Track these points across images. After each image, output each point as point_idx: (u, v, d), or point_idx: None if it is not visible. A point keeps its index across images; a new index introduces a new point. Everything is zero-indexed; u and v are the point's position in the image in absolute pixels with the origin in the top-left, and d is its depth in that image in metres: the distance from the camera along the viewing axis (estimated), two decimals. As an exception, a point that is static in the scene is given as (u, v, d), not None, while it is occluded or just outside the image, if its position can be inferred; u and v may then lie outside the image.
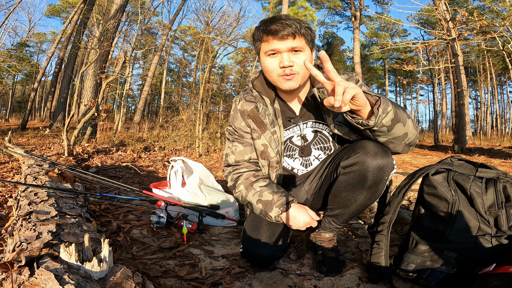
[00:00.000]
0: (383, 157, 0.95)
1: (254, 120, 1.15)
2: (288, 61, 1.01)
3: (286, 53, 1.01)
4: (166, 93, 23.15)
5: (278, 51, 1.01)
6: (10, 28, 17.15)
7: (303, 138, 1.19)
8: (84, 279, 0.68)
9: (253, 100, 1.17)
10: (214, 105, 8.65)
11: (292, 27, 0.98)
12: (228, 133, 1.22)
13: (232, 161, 1.19)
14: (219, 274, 1.07)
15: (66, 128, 4.01)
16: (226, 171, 1.23)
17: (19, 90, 29.09)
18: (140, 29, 14.85)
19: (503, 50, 7.43)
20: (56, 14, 22.14)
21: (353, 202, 1.04)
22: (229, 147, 1.21)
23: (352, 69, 22.62)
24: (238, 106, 1.19)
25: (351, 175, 1.00)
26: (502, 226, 0.87)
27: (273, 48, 1.01)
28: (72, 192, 1.50)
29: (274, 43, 1.00)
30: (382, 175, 0.97)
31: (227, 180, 1.22)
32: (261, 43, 1.04)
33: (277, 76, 1.04)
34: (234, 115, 1.20)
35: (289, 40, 0.99)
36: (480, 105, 23.56)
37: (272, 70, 1.04)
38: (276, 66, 1.03)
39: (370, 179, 0.97)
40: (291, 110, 1.18)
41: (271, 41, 1.00)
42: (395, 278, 1.04)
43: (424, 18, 18.94)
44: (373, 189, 1.00)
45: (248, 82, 1.30)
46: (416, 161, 5.79)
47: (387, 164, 0.96)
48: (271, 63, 1.04)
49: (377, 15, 12.15)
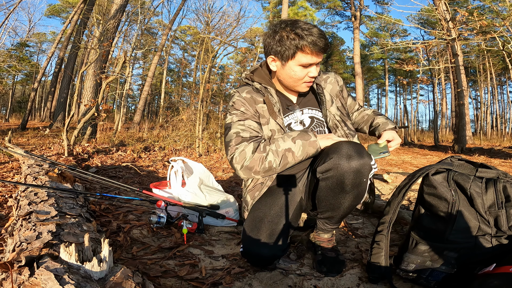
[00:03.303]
0: (358, 159, 0.95)
1: (269, 108, 1.17)
2: (316, 73, 1.13)
3: (315, 66, 1.12)
4: (166, 93, 23.14)
5: (312, 64, 1.11)
6: (10, 28, 17.15)
7: (301, 123, 1.25)
8: (84, 279, 0.68)
9: (260, 91, 1.21)
10: (214, 105, 8.66)
11: (327, 43, 1.07)
12: (234, 116, 1.16)
13: (247, 136, 1.11)
14: (219, 274, 1.07)
15: (66, 128, 4.01)
16: (239, 148, 1.09)
17: (19, 90, 29.08)
18: (140, 29, 14.86)
19: (503, 50, 7.43)
20: (56, 14, 22.15)
21: (340, 205, 1.05)
22: (241, 125, 1.13)
23: (352, 69, 22.63)
24: (243, 94, 1.19)
25: (329, 181, 1.00)
26: (502, 226, 0.87)
27: (312, 62, 1.10)
28: (72, 192, 1.50)
29: (313, 58, 1.08)
30: (361, 178, 0.97)
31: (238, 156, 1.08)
32: (299, 52, 1.07)
33: (302, 83, 1.15)
34: (239, 101, 1.17)
35: (321, 55, 1.10)
36: (480, 105, 23.56)
37: (300, 78, 1.13)
38: (305, 75, 1.12)
39: (348, 183, 0.97)
40: (288, 99, 1.26)
41: (311, 55, 1.07)
42: (395, 278, 1.04)
43: (424, 18, 18.95)
44: (355, 191, 1.00)
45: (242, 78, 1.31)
46: (416, 161, 5.79)
47: (363, 166, 0.95)
48: (302, 72, 1.12)
49: (377, 15, 12.15)
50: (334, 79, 1.31)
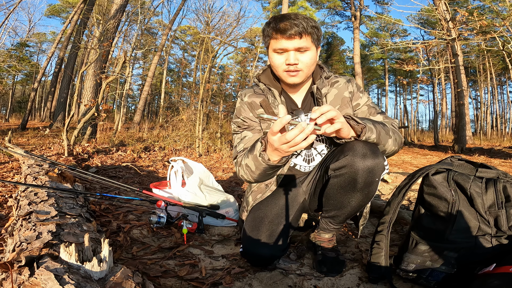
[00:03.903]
0: (372, 158, 0.95)
1: (266, 110, 1.16)
2: (293, 60, 1.05)
3: (292, 52, 1.05)
4: (166, 93, 23.16)
5: (285, 50, 1.05)
6: (10, 28, 17.16)
7: None
8: (84, 279, 0.68)
9: (262, 93, 1.19)
10: (214, 105, 8.65)
11: (300, 26, 1.01)
12: (235, 126, 1.21)
13: (241, 149, 1.15)
14: (219, 274, 1.07)
15: (66, 128, 4.01)
16: (236, 160, 1.15)
17: (19, 90, 29.09)
18: (140, 29, 14.86)
19: (503, 50, 7.42)
20: (56, 14, 22.15)
21: (347, 204, 1.05)
22: (238, 138, 1.18)
23: (352, 69, 22.61)
24: (245, 98, 1.20)
25: (342, 178, 0.99)
26: (502, 226, 0.87)
27: (281, 47, 1.04)
28: (72, 192, 1.50)
29: (282, 42, 1.04)
30: (373, 177, 0.97)
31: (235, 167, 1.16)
32: (270, 39, 1.07)
33: (282, 71, 1.09)
34: (240, 107, 1.20)
35: (296, 40, 1.02)
36: (480, 105, 23.57)
37: (278, 66, 1.09)
38: (283, 62, 1.07)
39: (360, 181, 0.97)
40: (293, 103, 1.22)
41: (279, 40, 1.04)
42: (395, 278, 1.04)
43: (424, 18, 18.95)
44: (365, 190, 1.00)
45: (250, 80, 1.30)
46: (416, 161, 5.79)
47: (377, 166, 0.95)
48: (278, 59, 1.08)
49: (377, 15, 12.15)
50: (344, 84, 1.20)
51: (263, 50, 5.09)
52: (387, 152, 1.06)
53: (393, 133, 1.06)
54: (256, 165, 1.01)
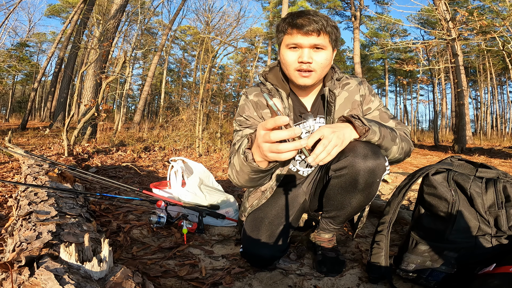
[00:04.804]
0: (373, 159, 0.93)
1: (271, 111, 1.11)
2: (307, 57, 0.99)
3: (307, 49, 0.99)
4: (166, 93, 23.15)
5: (300, 46, 1.00)
6: (10, 28, 17.15)
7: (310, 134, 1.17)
8: (84, 279, 0.68)
9: (271, 93, 1.12)
10: (214, 105, 8.65)
11: (319, 23, 0.96)
12: (237, 124, 1.14)
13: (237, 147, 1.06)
14: (219, 274, 1.07)
15: (66, 128, 4.01)
16: (229, 162, 1.09)
17: (19, 90, 29.08)
18: (140, 29, 14.85)
19: (503, 50, 7.43)
20: (56, 14, 22.15)
21: (348, 204, 1.04)
22: (238, 136, 1.10)
23: (352, 69, 22.60)
24: (251, 97, 1.13)
25: (342, 178, 0.98)
26: (502, 226, 0.87)
27: (296, 42, 0.99)
28: (72, 192, 1.50)
29: (297, 37, 0.98)
30: (374, 178, 0.96)
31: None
32: (285, 35, 1.02)
33: (293, 70, 1.03)
34: (244, 105, 1.14)
35: (313, 37, 0.97)
36: (480, 105, 23.57)
37: (290, 64, 1.03)
38: (295, 60, 1.02)
39: (361, 182, 0.96)
40: (303, 106, 1.16)
41: (295, 35, 0.99)
42: (395, 278, 1.04)
43: (424, 18, 18.95)
44: (366, 191, 0.99)
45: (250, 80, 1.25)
46: (416, 161, 5.79)
47: (378, 166, 0.94)
48: (290, 56, 1.02)
49: (377, 15, 12.15)
50: (356, 87, 1.14)
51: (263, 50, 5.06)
52: (389, 158, 1.01)
53: (401, 141, 1.01)
54: (240, 164, 0.90)
